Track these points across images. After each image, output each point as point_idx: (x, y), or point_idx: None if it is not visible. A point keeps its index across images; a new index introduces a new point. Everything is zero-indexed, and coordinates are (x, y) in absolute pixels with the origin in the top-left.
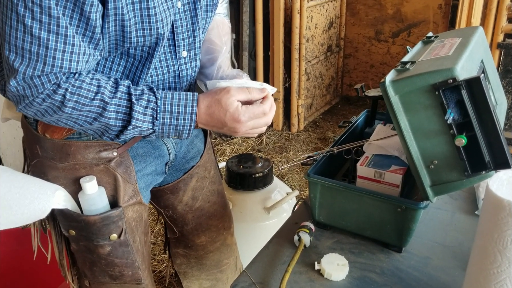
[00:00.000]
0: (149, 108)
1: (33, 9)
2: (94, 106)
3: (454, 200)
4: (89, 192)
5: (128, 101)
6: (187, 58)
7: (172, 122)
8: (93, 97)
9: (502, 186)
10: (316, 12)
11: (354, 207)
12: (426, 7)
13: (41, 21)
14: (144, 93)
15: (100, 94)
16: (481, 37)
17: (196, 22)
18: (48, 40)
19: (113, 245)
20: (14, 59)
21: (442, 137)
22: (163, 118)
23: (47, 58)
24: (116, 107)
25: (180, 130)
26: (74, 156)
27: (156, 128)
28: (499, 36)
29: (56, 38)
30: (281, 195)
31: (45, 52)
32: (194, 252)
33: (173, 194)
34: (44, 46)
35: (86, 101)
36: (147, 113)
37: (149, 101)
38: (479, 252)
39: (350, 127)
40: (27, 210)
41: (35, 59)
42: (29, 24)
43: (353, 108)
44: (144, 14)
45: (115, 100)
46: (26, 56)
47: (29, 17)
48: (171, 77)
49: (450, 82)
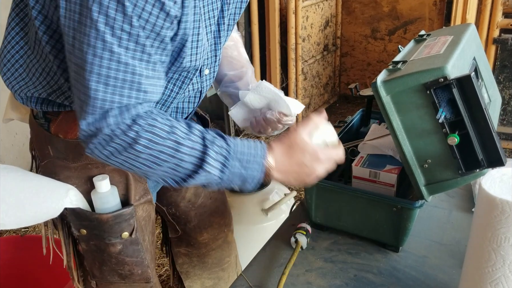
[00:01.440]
0: (220, 155)
1: (121, 36)
2: (167, 147)
3: (450, 198)
4: (102, 191)
5: (202, 146)
6: (208, 75)
7: (241, 171)
8: (166, 136)
9: (495, 184)
10: (312, 12)
11: (350, 207)
12: (422, 4)
13: (128, 48)
14: (216, 138)
15: (173, 134)
16: (473, 34)
17: (219, 42)
18: (134, 66)
19: (124, 243)
20: (96, 87)
21: (435, 136)
22: (233, 166)
23: (134, 84)
24: (190, 149)
25: (246, 179)
26: (87, 155)
27: (225, 177)
28: (494, 32)
29: (141, 64)
30: (279, 196)
31: (131, 78)
32: (196, 251)
33: (176, 191)
34: (130, 72)
35: (159, 140)
36: (218, 160)
37: (221, 147)
38: (474, 251)
39: (346, 127)
40: (40, 209)
41: (120, 85)
42: (116, 51)
43: (351, 107)
44: (195, 39)
45: (189, 142)
46: (111, 83)
47: (116, 45)
48: (194, 93)
49: (441, 81)
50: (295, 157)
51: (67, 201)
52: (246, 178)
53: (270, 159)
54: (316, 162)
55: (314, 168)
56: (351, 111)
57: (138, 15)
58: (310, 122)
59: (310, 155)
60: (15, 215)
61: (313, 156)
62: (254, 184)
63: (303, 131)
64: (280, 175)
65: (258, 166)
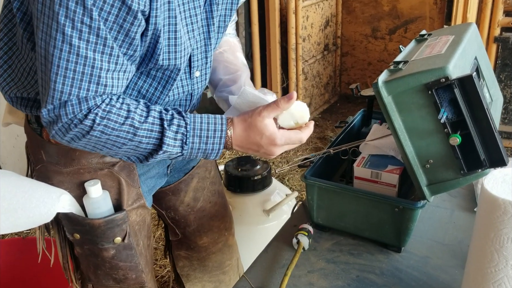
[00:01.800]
0: (179, 133)
1: (82, 29)
2: (124, 131)
3: (453, 197)
4: (93, 196)
5: (160, 126)
6: (199, 77)
7: (201, 146)
8: (122, 122)
9: (497, 184)
10: (312, 12)
11: (352, 208)
12: (422, 3)
13: (88, 41)
14: (174, 118)
15: (130, 119)
16: (474, 34)
17: (209, 44)
18: (94, 59)
19: (117, 248)
20: (55, 79)
21: (437, 136)
22: (192, 142)
23: (93, 77)
24: (148, 132)
25: (208, 153)
26: (78, 160)
27: (185, 152)
28: (495, 30)
29: (102, 57)
30: (280, 197)
31: (90, 71)
32: (196, 254)
33: (174, 195)
34: (90, 66)
35: (115, 126)
36: (177, 138)
37: (179, 126)
38: (476, 251)
39: (347, 127)
40: (33, 214)
41: (80, 78)
42: (76, 44)
43: (352, 106)
44: (172, 36)
45: (146, 125)
46: (69, 75)
47: (76, 37)
48: (184, 96)
49: (442, 81)
50: (252, 137)
51: (59, 206)
52: (207, 151)
53: (230, 133)
54: (272, 146)
55: (270, 150)
56: (352, 111)
57: (99, 8)
58: (275, 106)
59: (267, 138)
60: (8, 220)
61: (269, 140)
62: (216, 156)
63: (265, 114)
64: (239, 148)
65: (217, 140)
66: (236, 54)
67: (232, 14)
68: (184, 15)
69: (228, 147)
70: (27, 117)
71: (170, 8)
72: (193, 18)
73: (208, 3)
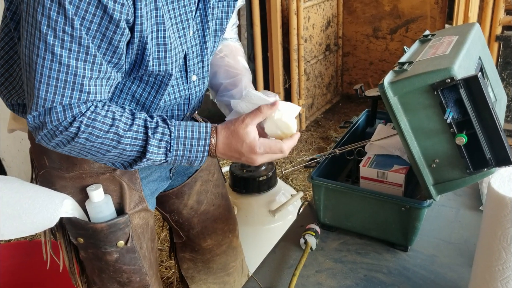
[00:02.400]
0: (163, 141)
1: (64, 38)
2: (108, 139)
3: (458, 196)
4: (95, 200)
5: (144, 134)
6: (196, 81)
7: (185, 154)
8: (107, 129)
9: (504, 183)
10: (313, 12)
11: (358, 208)
12: (423, 2)
13: (70, 50)
14: (159, 126)
15: (114, 127)
16: (478, 34)
17: (205, 47)
18: (77, 68)
19: (120, 251)
20: (39, 86)
21: (443, 136)
22: (176, 150)
23: (76, 85)
24: (132, 140)
25: (192, 160)
26: (80, 165)
27: (169, 159)
28: (497, 29)
29: (84, 66)
30: (285, 197)
31: (73, 79)
32: (201, 256)
33: (178, 199)
34: (72, 74)
35: (100, 133)
36: (161, 146)
37: (163, 134)
38: (483, 250)
39: (351, 128)
40: (36, 219)
41: (62, 86)
42: (58, 53)
43: (354, 106)
44: (161, 43)
45: (131, 133)
46: (52, 83)
47: (58, 46)
48: (182, 100)
49: (448, 81)
50: (233, 145)
51: (62, 211)
52: (191, 158)
53: (214, 141)
54: (252, 154)
55: (250, 158)
56: (354, 110)
57: (81, 17)
58: (257, 112)
59: (247, 145)
60: (12, 226)
61: (249, 148)
62: (200, 163)
63: (248, 121)
64: (223, 156)
65: (201, 148)
66: (237, 58)
67: (228, 17)
68: (174, 21)
69: (212, 155)
70: None
71: (157, 14)
72: (185, 24)
73: (202, 7)
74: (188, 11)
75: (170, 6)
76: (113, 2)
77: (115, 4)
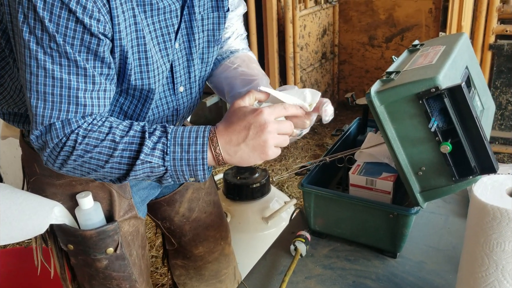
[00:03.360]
0: (159, 143)
1: (52, 54)
2: (105, 147)
3: (447, 203)
4: (85, 207)
5: (140, 139)
6: (184, 92)
7: (184, 155)
8: (103, 138)
9: (486, 191)
10: (309, 21)
11: (348, 215)
12: (418, 11)
13: (61, 64)
14: (156, 130)
15: (111, 134)
16: (466, 44)
17: (191, 59)
18: (70, 81)
19: (109, 258)
20: (36, 104)
21: (429, 144)
22: (174, 152)
23: (71, 98)
24: (128, 145)
25: (193, 164)
26: None
27: (168, 165)
28: (490, 38)
29: (77, 79)
30: (279, 204)
31: (68, 93)
32: (192, 263)
33: (169, 206)
34: (66, 87)
35: (96, 142)
36: (156, 148)
37: (160, 137)
38: (467, 256)
39: (343, 136)
40: (26, 225)
41: (58, 100)
42: (50, 68)
43: (350, 114)
44: (142, 57)
45: (127, 139)
46: (49, 99)
47: (49, 62)
48: (170, 112)
49: (433, 91)
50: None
51: (52, 217)
52: (190, 162)
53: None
54: (258, 116)
55: (258, 123)
56: (350, 118)
57: (62, 34)
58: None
59: (250, 112)
60: (2, 232)
61: (253, 112)
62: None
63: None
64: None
65: (200, 148)
66: (251, 65)
67: (221, 28)
68: (154, 34)
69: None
70: (21, 131)
71: (137, 29)
72: (166, 37)
73: (187, 19)
74: (169, 24)
75: (150, 20)
76: (89, 18)
77: (91, 20)
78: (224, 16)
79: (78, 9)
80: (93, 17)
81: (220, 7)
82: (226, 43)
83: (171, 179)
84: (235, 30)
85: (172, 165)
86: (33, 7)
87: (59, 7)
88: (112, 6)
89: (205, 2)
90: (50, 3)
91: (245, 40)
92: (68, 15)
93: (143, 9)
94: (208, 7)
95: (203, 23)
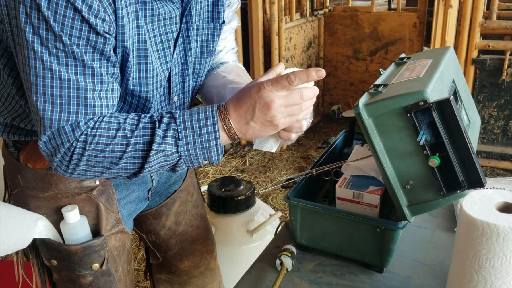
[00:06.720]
0: (169, 130)
1: (58, 54)
2: (117, 144)
3: (433, 217)
4: (70, 221)
5: (151, 129)
6: (177, 102)
7: (196, 139)
8: (114, 134)
9: (475, 206)
10: (295, 33)
11: (334, 228)
12: (402, 26)
13: (67, 65)
14: (164, 117)
15: (121, 130)
16: (452, 58)
17: (186, 68)
18: (78, 81)
19: (95, 275)
20: (44, 107)
21: (416, 158)
22: (186, 136)
23: (80, 99)
24: (140, 138)
25: (206, 146)
26: (56, 185)
27: (181, 150)
28: (473, 52)
29: (85, 79)
30: (264, 217)
31: (76, 94)
32: (177, 278)
33: (155, 219)
34: (74, 88)
35: (107, 140)
36: (168, 135)
37: (168, 124)
38: (456, 272)
39: (329, 148)
40: (8, 240)
41: (67, 102)
42: (57, 69)
43: (335, 126)
44: (142, 62)
45: (138, 132)
46: (57, 101)
47: (55, 63)
48: None
49: (421, 104)
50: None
51: (36, 231)
52: (204, 144)
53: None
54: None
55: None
56: (335, 130)
57: (67, 34)
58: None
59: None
60: None
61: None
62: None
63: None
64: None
65: (212, 128)
66: (239, 73)
67: (215, 39)
68: (154, 41)
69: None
70: (4, 141)
71: (139, 33)
72: (165, 44)
73: (184, 28)
74: (169, 31)
75: (150, 26)
76: (94, 17)
77: (96, 19)
78: (219, 28)
79: (83, 8)
80: (99, 16)
81: (215, 19)
82: (217, 56)
83: (185, 165)
84: (227, 44)
85: (186, 149)
86: (37, 6)
87: (64, 6)
88: (117, 7)
89: (202, 12)
90: (55, 2)
91: (236, 54)
92: (74, 14)
93: (144, 14)
94: (204, 17)
95: (197, 32)
